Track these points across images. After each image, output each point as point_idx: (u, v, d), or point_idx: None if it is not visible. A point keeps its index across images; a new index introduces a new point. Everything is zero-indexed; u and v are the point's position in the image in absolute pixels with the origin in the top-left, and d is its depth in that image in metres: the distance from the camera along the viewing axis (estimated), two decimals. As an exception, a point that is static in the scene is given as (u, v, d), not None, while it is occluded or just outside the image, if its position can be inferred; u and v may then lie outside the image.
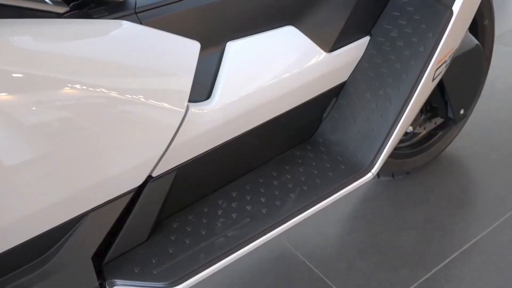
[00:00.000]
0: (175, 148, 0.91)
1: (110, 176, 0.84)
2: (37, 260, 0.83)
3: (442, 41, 1.02)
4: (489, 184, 1.49)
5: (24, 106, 0.70)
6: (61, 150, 0.75)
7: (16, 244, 0.76)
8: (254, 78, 0.99)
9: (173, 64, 0.90)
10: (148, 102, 0.85)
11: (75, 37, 0.80)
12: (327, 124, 1.14)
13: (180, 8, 0.94)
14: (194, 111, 0.92)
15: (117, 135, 0.82)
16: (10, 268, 0.81)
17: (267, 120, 1.03)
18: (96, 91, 0.78)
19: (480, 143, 1.66)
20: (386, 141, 1.03)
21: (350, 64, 1.12)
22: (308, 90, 1.06)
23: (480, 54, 1.33)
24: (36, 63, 0.71)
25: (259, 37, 1.01)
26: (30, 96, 0.71)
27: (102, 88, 0.79)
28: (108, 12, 0.89)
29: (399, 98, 1.03)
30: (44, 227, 0.80)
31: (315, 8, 1.05)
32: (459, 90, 1.32)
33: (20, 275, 0.81)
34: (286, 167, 1.06)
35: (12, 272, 0.81)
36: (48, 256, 0.84)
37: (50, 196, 0.77)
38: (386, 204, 1.48)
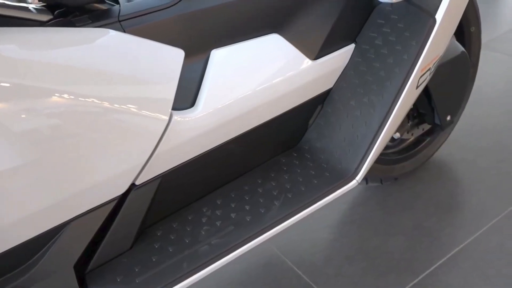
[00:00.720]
0: (158, 156, 0.90)
1: (93, 184, 0.83)
2: (18, 269, 0.82)
3: (425, 49, 1.02)
4: (476, 190, 1.49)
5: (5, 114, 0.69)
6: (44, 158, 0.74)
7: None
8: (239, 86, 0.98)
9: (157, 72, 0.89)
10: (131, 110, 0.84)
11: (57, 45, 0.79)
12: (312, 131, 1.13)
13: (164, 16, 0.93)
14: (178, 119, 0.91)
15: (100, 143, 0.81)
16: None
17: (252, 127, 1.02)
18: (79, 99, 0.77)
19: (467, 149, 1.65)
20: (370, 149, 1.02)
21: (335, 71, 1.11)
22: (293, 97, 1.05)
23: (466, 61, 1.33)
24: (17, 71, 0.70)
25: (244, 45, 1.00)
26: (11, 105, 0.70)
27: (85, 96, 0.78)
28: (91, 20, 0.88)
29: (383, 106, 1.03)
30: (25, 236, 0.79)
31: (300, 16, 1.05)
32: (445, 97, 1.32)
33: (2, 284, 0.80)
34: (271, 174, 1.05)
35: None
36: (30, 265, 0.83)
37: (32, 204, 0.76)
38: (374, 209, 1.47)
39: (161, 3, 0.94)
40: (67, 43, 0.81)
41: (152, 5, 0.93)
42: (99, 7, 0.92)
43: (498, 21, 2.57)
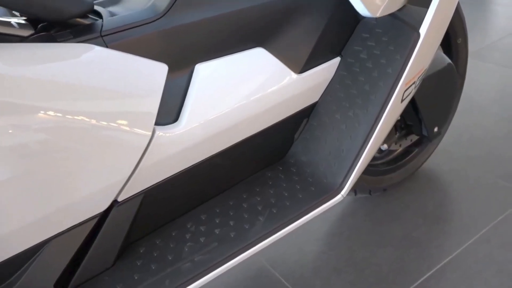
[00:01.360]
0: (141, 172, 0.89)
1: (74, 201, 0.81)
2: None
3: (409, 63, 1.01)
4: (465, 200, 1.48)
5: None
6: (23, 175, 0.73)
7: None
8: (223, 100, 0.97)
9: (139, 87, 0.87)
10: (112, 125, 0.82)
11: (37, 61, 0.78)
12: (298, 145, 1.12)
13: (148, 31, 0.92)
14: (161, 134, 0.90)
15: (81, 159, 0.80)
16: None
17: (236, 142, 1.00)
18: (59, 115, 0.76)
19: (456, 159, 1.64)
20: (355, 163, 1.01)
21: (320, 85, 1.10)
22: (279, 111, 1.04)
23: (453, 72, 1.32)
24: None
25: (228, 59, 0.99)
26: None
27: (65, 112, 0.76)
28: (73, 35, 0.87)
29: (368, 120, 1.01)
30: (5, 254, 0.77)
31: (284, 30, 1.04)
32: (433, 109, 1.31)
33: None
34: (256, 188, 1.04)
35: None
36: (9, 283, 0.81)
37: (12, 222, 0.74)
38: (363, 220, 1.45)
39: (145, 18, 0.93)
40: (48, 59, 0.80)
41: (135, 19, 0.92)
42: (81, 21, 0.91)
43: (487, 31, 2.58)
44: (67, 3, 0.87)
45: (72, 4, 0.88)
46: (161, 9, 0.93)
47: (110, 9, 1.05)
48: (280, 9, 1.01)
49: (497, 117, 1.83)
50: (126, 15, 0.93)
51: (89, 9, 0.91)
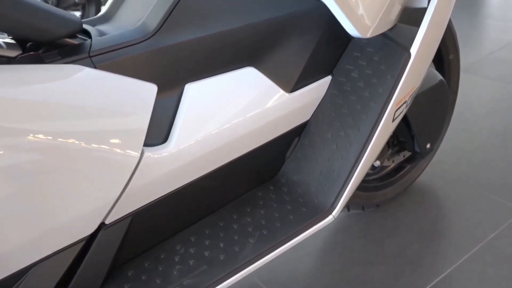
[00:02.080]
0: (129, 194, 0.87)
1: (60, 224, 0.79)
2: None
3: (400, 83, 1.00)
4: (459, 216, 1.46)
5: None
6: (8, 198, 0.71)
7: None
8: (213, 120, 0.95)
9: (128, 108, 0.86)
10: (100, 147, 0.81)
11: (24, 83, 0.76)
12: (289, 164, 1.10)
13: (137, 51, 0.90)
14: (150, 155, 0.88)
15: (68, 181, 0.78)
16: None
17: (227, 162, 0.99)
18: (46, 138, 0.74)
19: (449, 174, 1.63)
20: (346, 183, 0.99)
21: (311, 103, 1.09)
22: (269, 130, 1.02)
23: (445, 89, 1.31)
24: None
25: (218, 79, 0.97)
26: None
27: (52, 134, 0.75)
28: (61, 56, 0.85)
29: (359, 140, 1.00)
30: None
31: (275, 49, 1.02)
32: (425, 126, 1.30)
33: None
34: (247, 209, 1.02)
35: None
36: (-8, 311, 0.78)
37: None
38: (356, 237, 1.44)
39: (134, 38, 0.91)
40: (35, 81, 0.78)
41: (124, 40, 0.90)
42: (70, 41, 0.89)
43: (479, 44, 2.58)
44: (55, 23, 0.85)
45: (60, 24, 0.86)
46: (150, 28, 0.92)
47: (100, 27, 1.04)
48: (271, 28, 1.00)
49: (489, 131, 1.83)
50: (115, 35, 0.92)
51: (78, 29, 0.89)
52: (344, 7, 0.87)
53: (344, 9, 0.87)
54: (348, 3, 0.88)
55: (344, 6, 0.87)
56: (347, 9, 0.88)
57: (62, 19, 0.87)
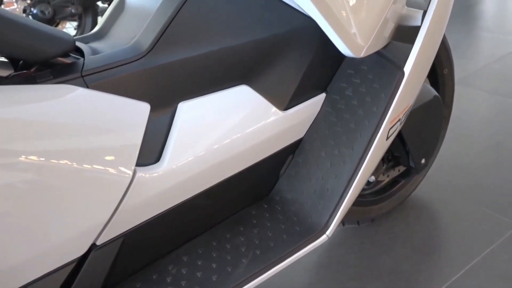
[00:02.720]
0: (121, 214, 0.86)
1: (50, 246, 0.78)
2: None
3: (394, 102, 0.99)
4: (453, 231, 1.45)
5: None
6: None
7: None
8: (206, 139, 0.94)
9: (120, 128, 0.85)
10: (92, 167, 0.80)
11: (15, 104, 0.76)
12: (283, 182, 1.10)
13: (130, 70, 0.90)
14: (142, 175, 0.87)
15: (58, 201, 0.77)
16: None
17: (220, 180, 0.98)
18: (37, 158, 0.73)
19: (444, 188, 1.62)
20: (340, 202, 0.98)
21: (306, 121, 1.08)
22: (263, 148, 1.02)
23: (439, 105, 1.31)
24: None
25: (212, 97, 0.97)
26: None
27: (43, 154, 0.74)
28: (53, 75, 0.85)
29: (353, 159, 0.99)
30: None
31: (269, 66, 1.02)
32: (419, 141, 1.29)
33: None
34: (240, 228, 1.01)
35: None
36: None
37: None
38: (351, 252, 1.42)
39: (127, 57, 0.91)
40: (26, 101, 0.77)
41: (117, 59, 0.90)
42: (62, 60, 0.89)
43: (473, 57, 2.58)
44: (48, 43, 0.85)
45: (53, 44, 0.86)
46: (144, 47, 0.91)
47: (93, 44, 1.03)
48: (264, 47, 0.99)
49: (483, 144, 1.82)
50: (108, 53, 0.91)
51: (70, 48, 0.89)
52: (336, 27, 0.87)
53: (337, 29, 0.87)
54: (340, 23, 0.88)
55: (336, 26, 0.87)
56: (339, 29, 0.87)
57: (54, 38, 0.86)
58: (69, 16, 2.73)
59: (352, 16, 0.90)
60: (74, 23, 2.84)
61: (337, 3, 0.86)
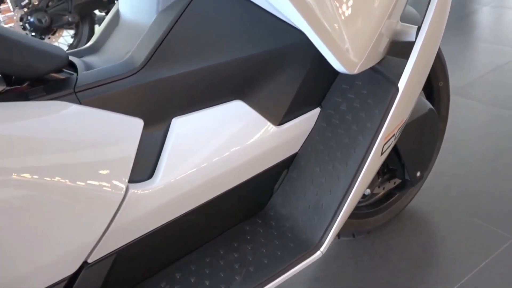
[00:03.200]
0: (113, 232, 0.85)
1: (41, 264, 0.77)
2: None
3: (388, 118, 0.99)
4: (449, 243, 1.45)
5: None
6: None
7: None
8: (200, 155, 0.94)
9: (113, 145, 0.84)
10: (84, 185, 0.79)
11: (7, 121, 0.75)
12: (278, 197, 1.09)
13: (123, 86, 0.89)
14: (135, 192, 0.87)
15: (49, 219, 0.76)
16: None
17: (214, 196, 0.97)
18: (28, 175, 0.73)
19: (440, 199, 1.62)
20: (335, 218, 0.98)
21: (300, 136, 1.08)
22: (258, 163, 1.01)
23: (434, 118, 1.30)
24: None
25: (206, 112, 0.96)
26: None
27: (35, 171, 0.73)
28: (46, 92, 0.84)
29: (347, 174, 0.99)
30: None
31: (263, 82, 1.02)
32: (414, 155, 1.29)
33: None
34: (234, 244, 1.00)
35: None
36: None
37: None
38: (347, 264, 1.42)
39: (121, 73, 0.90)
40: (18, 118, 0.77)
41: (111, 74, 0.89)
42: (55, 76, 0.88)
43: (469, 67, 2.59)
44: (41, 59, 0.84)
45: (46, 60, 0.85)
46: (137, 63, 0.91)
47: (87, 59, 1.03)
48: (259, 62, 0.99)
49: (479, 155, 1.82)
50: (101, 69, 0.91)
51: (64, 64, 0.88)
52: (329, 43, 0.86)
53: (329, 45, 0.87)
54: (333, 38, 0.87)
55: (329, 42, 0.86)
56: (332, 45, 0.87)
57: (47, 54, 0.86)
58: (66, 25, 2.73)
59: (346, 32, 0.90)
60: (71, 31, 2.83)
61: (330, 18, 0.85)
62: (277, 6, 0.88)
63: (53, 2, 2.67)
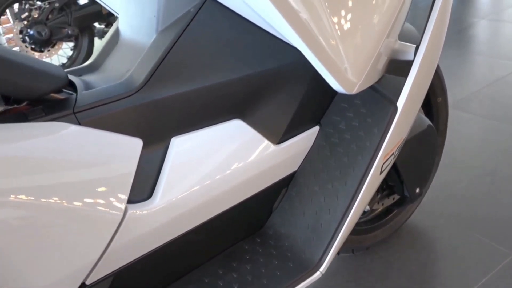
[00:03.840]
0: (112, 253, 0.84)
1: (38, 286, 0.77)
2: None
3: (387, 137, 0.99)
4: (448, 260, 1.44)
5: None
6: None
7: None
8: (199, 174, 0.93)
9: (112, 165, 0.84)
10: (82, 206, 0.78)
11: (5, 143, 0.75)
12: (277, 216, 1.09)
13: (122, 106, 0.89)
14: (134, 213, 0.86)
15: (47, 241, 0.75)
16: None
17: (213, 215, 0.97)
18: (26, 196, 0.72)
19: (438, 216, 1.62)
20: (334, 238, 0.97)
21: (299, 154, 1.08)
22: (257, 182, 1.01)
23: (433, 134, 1.30)
24: None
25: (205, 132, 0.96)
26: None
27: (33, 192, 0.72)
28: (45, 112, 0.84)
29: (346, 194, 0.99)
30: None
31: (262, 101, 1.02)
32: (413, 171, 1.29)
33: None
34: (233, 263, 0.99)
35: None
36: None
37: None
38: (346, 281, 1.41)
39: (120, 93, 0.90)
40: (17, 139, 0.76)
41: (110, 94, 0.89)
42: (55, 96, 0.88)
43: (467, 81, 2.60)
44: (40, 80, 0.84)
45: (45, 81, 0.85)
46: (137, 83, 0.91)
47: (86, 77, 1.03)
48: (258, 82, 0.99)
49: (478, 171, 1.82)
50: (101, 89, 0.91)
51: (63, 84, 0.88)
52: (327, 64, 0.86)
53: (328, 66, 0.86)
54: (332, 60, 0.87)
55: (327, 63, 0.86)
56: (331, 66, 0.87)
57: (47, 75, 0.85)
58: (65, 37, 2.74)
59: (344, 52, 0.90)
60: (71, 44, 2.84)
61: (328, 37, 0.85)
62: (276, 27, 0.88)
63: (53, 15, 2.68)
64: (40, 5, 2.70)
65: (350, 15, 0.89)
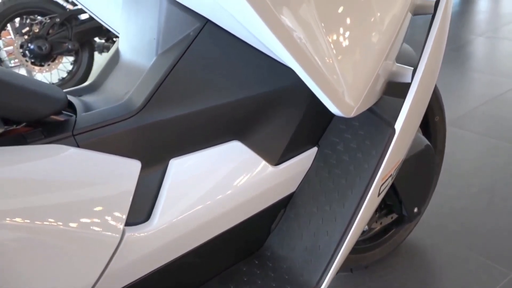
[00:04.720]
0: (109, 276, 0.84)
1: (35, 311, 0.76)
2: None
3: (385, 159, 0.99)
4: (448, 279, 1.43)
5: None
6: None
7: None
8: (198, 196, 0.93)
9: (110, 187, 0.84)
10: (80, 228, 0.79)
11: (4, 166, 0.75)
12: (275, 237, 1.08)
13: (121, 128, 0.90)
14: (131, 235, 0.86)
15: (44, 263, 0.75)
16: None
17: (211, 237, 0.97)
18: (23, 218, 0.72)
19: (437, 233, 1.61)
20: (332, 261, 0.97)
21: (297, 175, 1.08)
22: (255, 204, 1.01)
23: (431, 154, 1.31)
24: None
25: (203, 154, 0.96)
26: None
27: (30, 214, 0.73)
28: (44, 135, 0.84)
29: (344, 216, 0.99)
30: None
31: (260, 123, 1.02)
32: (411, 191, 1.29)
33: None
34: (231, 286, 0.99)
35: None
36: None
37: None
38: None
39: (119, 115, 0.90)
40: (16, 162, 0.77)
41: (109, 116, 0.90)
42: (54, 118, 0.88)
43: (464, 98, 2.61)
44: (40, 103, 0.85)
45: (44, 103, 0.86)
46: (136, 105, 0.92)
47: (86, 98, 1.03)
48: (256, 104, 1.00)
49: (476, 188, 1.82)
50: (100, 111, 0.91)
51: (63, 106, 0.89)
52: (325, 87, 0.86)
53: (325, 89, 0.86)
54: (330, 84, 0.87)
55: (324, 86, 0.86)
56: (328, 89, 0.87)
57: (46, 97, 0.86)
58: (66, 52, 2.76)
59: (342, 75, 0.90)
60: (71, 58, 2.86)
61: (326, 61, 0.85)
62: (274, 50, 0.89)
63: (54, 30, 2.70)
64: (41, 19, 2.72)
65: (348, 36, 0.90)
